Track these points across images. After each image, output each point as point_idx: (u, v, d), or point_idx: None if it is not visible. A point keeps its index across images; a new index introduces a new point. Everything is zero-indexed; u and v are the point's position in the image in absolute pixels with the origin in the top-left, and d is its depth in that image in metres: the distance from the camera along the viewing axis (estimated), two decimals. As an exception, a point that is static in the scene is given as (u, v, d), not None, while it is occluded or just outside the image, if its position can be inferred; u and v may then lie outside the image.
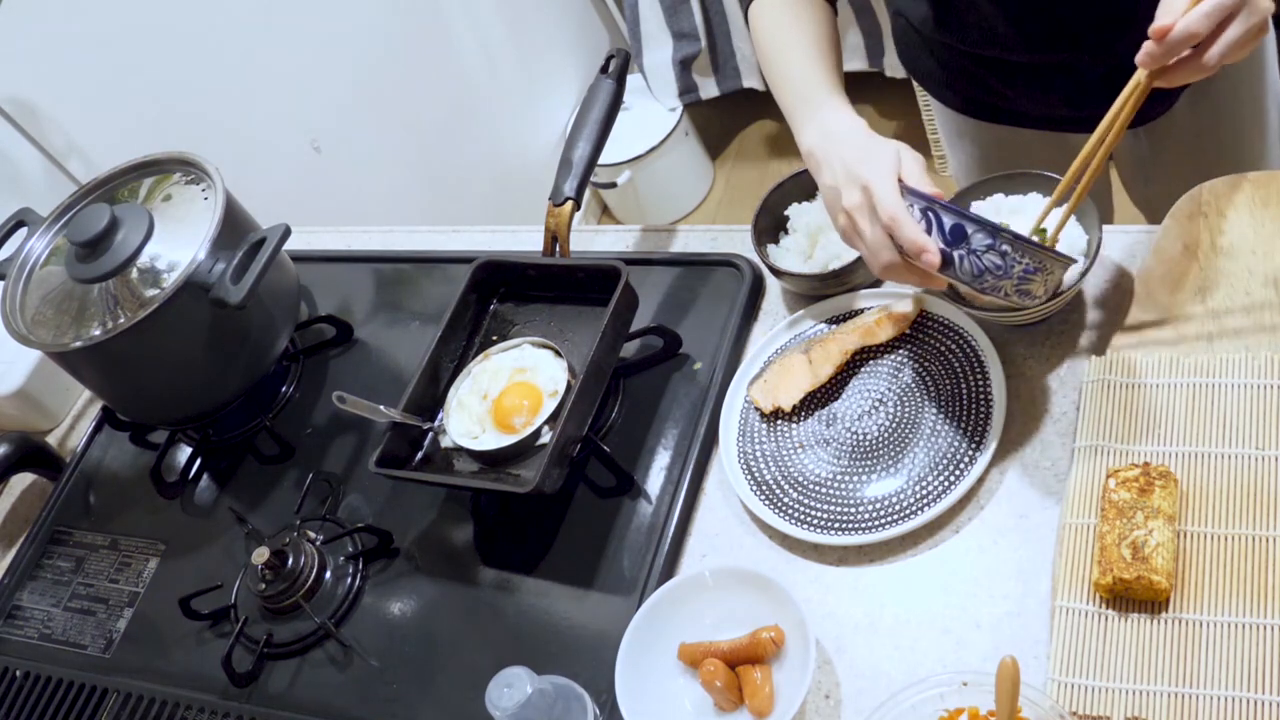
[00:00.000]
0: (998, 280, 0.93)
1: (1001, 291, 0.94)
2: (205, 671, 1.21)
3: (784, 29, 1.14)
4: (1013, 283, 0.94)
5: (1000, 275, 0.93)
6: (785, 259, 1.23)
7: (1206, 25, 0.87)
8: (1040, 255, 0.93)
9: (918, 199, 0.95)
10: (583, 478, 1.20)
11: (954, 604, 1.00)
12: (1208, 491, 0.97)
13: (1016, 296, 0.95)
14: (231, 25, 2.01)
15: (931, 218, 0.94)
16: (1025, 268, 0.93)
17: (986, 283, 0.94)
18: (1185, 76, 0.91)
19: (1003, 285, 0.94)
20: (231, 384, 1.35)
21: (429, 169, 2.48)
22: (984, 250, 0.92)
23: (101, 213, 1.27)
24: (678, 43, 2.82)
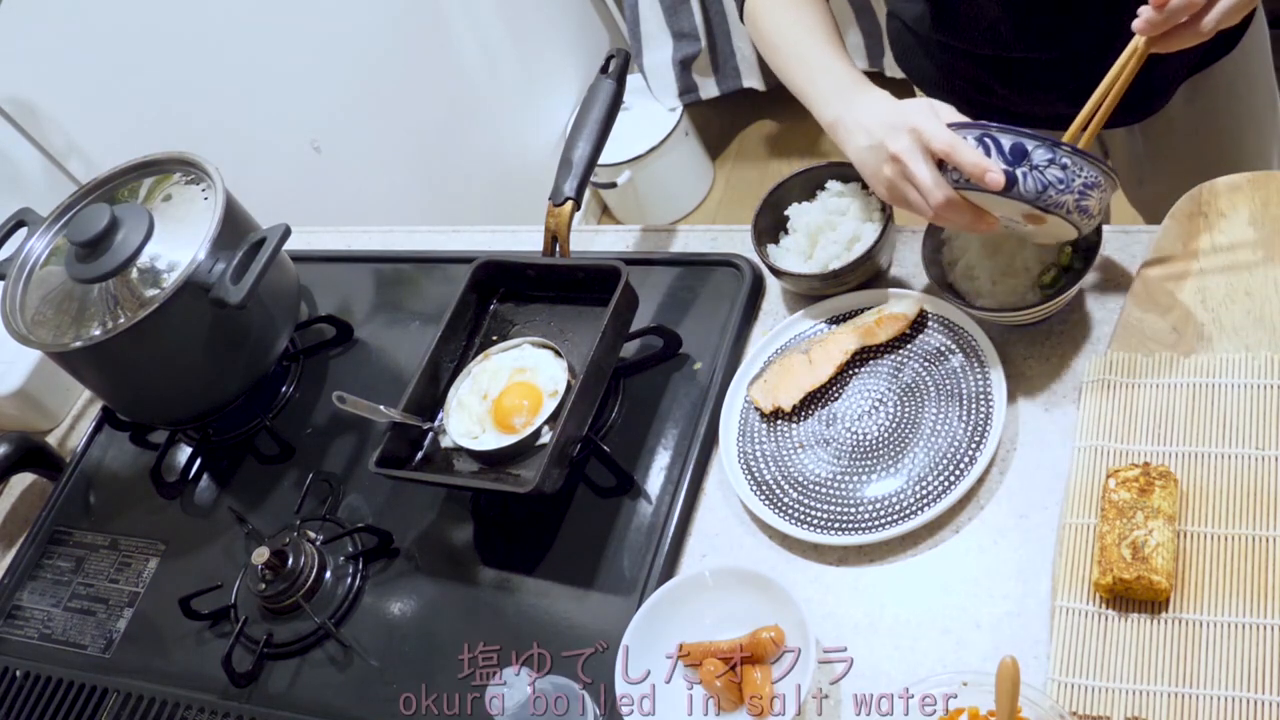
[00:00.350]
0: (1060, 195, 0.95)
1: (1064, 208, 0.95)
2: (205, 671, 1.21)
3: (789, 19, 1.16)
4: (1074, 197, 0.95)
5: (1063, 189, 0.95)
6: (785, 259, 1.23)
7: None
8: (1099, 167, 0.95)
9: (969, 129, 0.97)
10: (583, 478, 1.20)
11: (954, 604, 1.00)
12: (1208, 491, 0.97)
13: (1077, 214, 0.96)
14: (231, 25, 2.01)
15: (989, 142, 0.96)
16: (1085, 181, 0.95)
17: (1050, 198, 0.95)
18: (1180, 42, 0.94)
19: (1065, 200, 0.95)
20: (231, 384, 1.35)
21: (429, 169, 2.48)
22: (1046, 165, 0.94)
23: (101, 213, 1.27)
24: (678, 43, 2.82)
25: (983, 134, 0.96)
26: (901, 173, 0.99)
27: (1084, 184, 0.95)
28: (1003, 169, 0.94)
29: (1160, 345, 1.06)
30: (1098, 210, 0.98)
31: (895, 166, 1.00)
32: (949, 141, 0.96)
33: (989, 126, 0.96)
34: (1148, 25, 0.93)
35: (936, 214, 0.99)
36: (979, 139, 0.96)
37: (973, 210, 0.99)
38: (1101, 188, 0.97)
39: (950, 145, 0.96)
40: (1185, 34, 0.93)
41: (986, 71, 1.29)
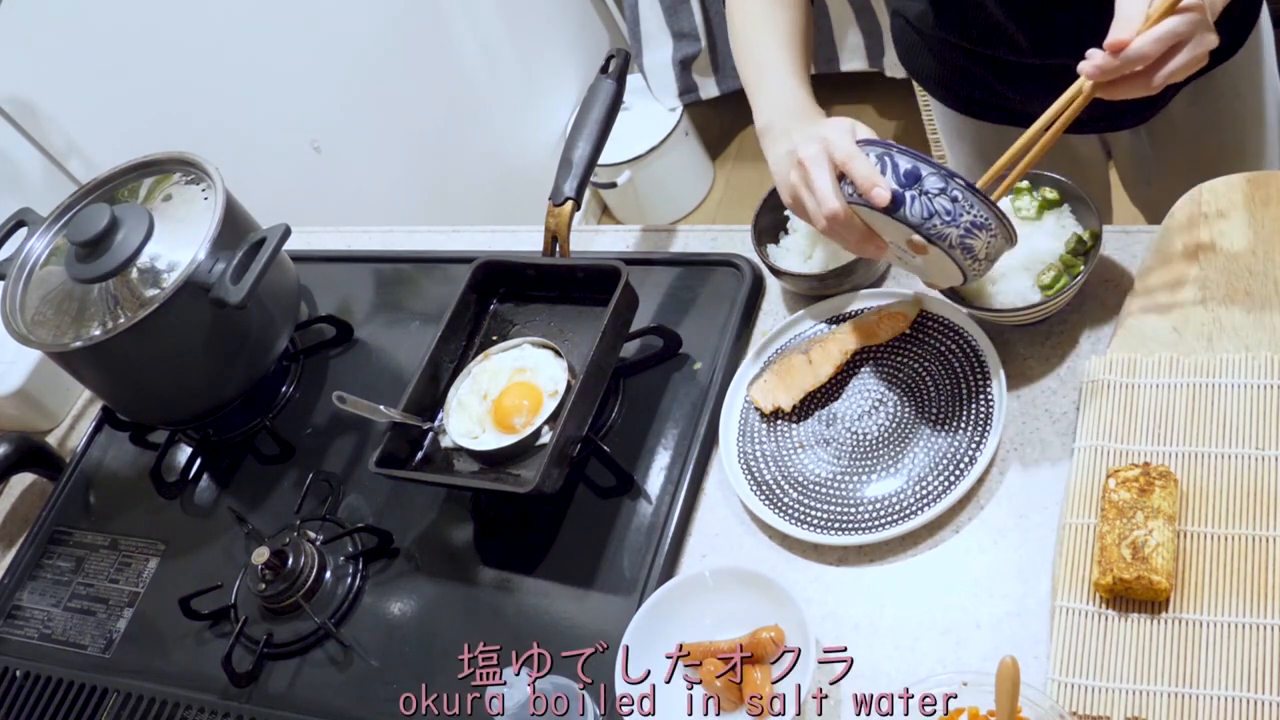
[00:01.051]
0: (944, 226, 0.94)
1: (947, 241, 0.95)
2: (205, 671, 1.21)
3: (757, 18, 1.17)
4: (959, 232, 0.95)
5: (948, 221, 0.94)
6: (785, 259, 1.23)
7: (1158, 49, 0.89)
8: (989, 210, 0.95)
9: (874, 146, 0.97)
10: (583, 478, 1.20)
11: (954, 604, 1.00)
12: (1208, 491, 0.96)
13: (960, 251, 0.96)
14: (231, 25, 2.01)
15: (887, 161, 0.96)
16: (973, 219, 0.94)
17: (933, 227, 0.94)
18: (1128, 92, 0.93)
19: (949, 233, 0.94)
20: (231, 384, 1.35)
21: (429, 169, 2.48)
22: (936, 193, 0.94)
23: (101, 213, 1.27)
24: (678, 43, 2.82)
25: (884, 153, 0.96)
26: (803, 178, 1.00)
27: (971, 221, 0.94)
28: (892, 189, 0.94)
29: (1160, 345, 1.06)
30: (984, 254, 0.97)
31: (799, 172, 1.01)
32: (849, 153, 0.96)
33: (892, 147, 0.96)
34: (1097, 71, 0.92)
35: (828, 225, 0.99)
36: (879, 156, 0.96)
37: (861, 230, 0.99)
38: (990, 230, 0.95)
39: (849, 157, 0.96)
40: (1133, 85, 0.92)
41: (988, 70, 1.29)
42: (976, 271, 0.99)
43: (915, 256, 1.01)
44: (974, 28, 1.23)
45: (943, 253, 0.96)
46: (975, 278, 1.01)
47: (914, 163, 0.95)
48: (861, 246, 1.01)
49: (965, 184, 0.94)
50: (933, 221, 0.94)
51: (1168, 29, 0.88)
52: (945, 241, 0.95)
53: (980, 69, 1.30)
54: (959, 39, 1.27)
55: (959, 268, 0.98)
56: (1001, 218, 0.96)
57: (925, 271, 1.05)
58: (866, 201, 0.95)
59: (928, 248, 0.96)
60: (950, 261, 0.97)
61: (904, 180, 0.95)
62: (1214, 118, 1.32)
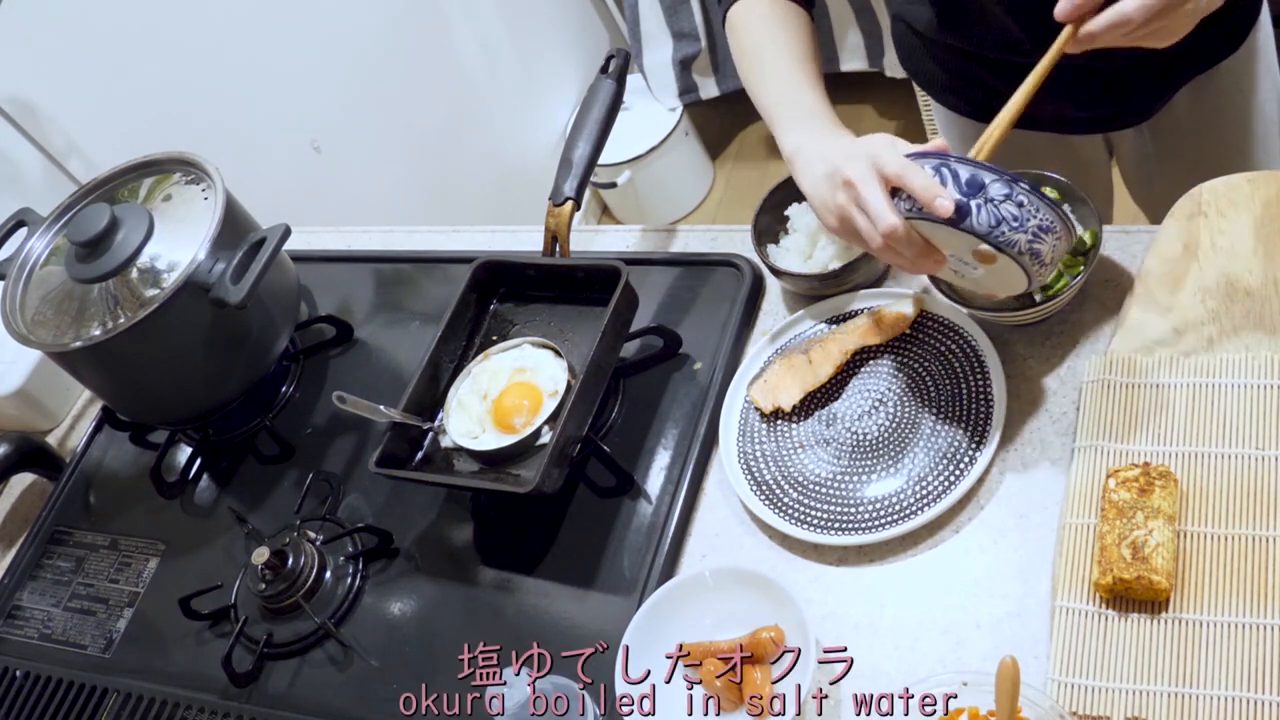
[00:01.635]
0: (1013, 232, 0.92)
1: (1016, 248, 0.93)
2: (205, 671, 1.21)
3: (765, 36, 1.15)
4: (1027, 237, 0.93)
5: (1016, 227, 0.92)
6: (785, 259, 1.23)
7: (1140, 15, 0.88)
8: (1054, 213, 0.93)
9: (928, 159, 0.94)
10: (583, 478, 1.20)
11: (954, 604, 1.00)
12: (1208, 491, 0.96)
13: (1029, 257, 0.93)
14: (231, 25, 2.01)
15: (946, 173, 0.93)
16: (1039, 223, 0.92)
17: (1002, 235, 0.92)
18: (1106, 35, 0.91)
19: (1018, 240, 0.92)
20: (231, 384, 1.35)
21: (429, 169, 2.48)
22: (1001, 199, 0.92)
23: (101, 213, 1.27)
24: (678, 43, 2.82)
25: (940, 164, 0.93)
26: (853, 198, 0.96)
27: (1038, 225, 0.92)
28: (955, 199, 0.92)
29: (1160, 345, 1.06)
30: (1050, 258, 0.94)
31: (848, 192, 0.97)
32: (902, 167, 0.93)
33: (948, 157, 0.94)
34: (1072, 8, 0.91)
35: (884, 243, 0.95)
36: (935, 168, 0.93)
37: (920, 245, 0.96)
38: (1056, 234, 0.94)
39: (903, 169, 0.93)
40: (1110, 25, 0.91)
41: (993, 74, 1.29)
42: (1042, 276, 0.96)
43: (977, 268, 0.98)
44: (978, 31, 1.23)
45: (1011, 260, 0.94)
46: (1040, 283, 0.98)
47: (975, 170, 0.92)
48: (919, 263, 0.97)
49: (1029, 188, 0.92)
50: (1000, 229, 0.92)
51: None
52: (1014, 249, 0.93)
53: (983, 72, 1.30)
54: (963, 43, 1.27)
55: (1025, 274, 0.95)
56: (1065, 219, 0.94)
57: (984, 283, 1.02)
58: (928, 215, 0.92)
59: (996, 256, 0.94)
60: (1016, 269, 0.95)
61: (967, 189, 0.92)
62: (1215, 116, 1.32)
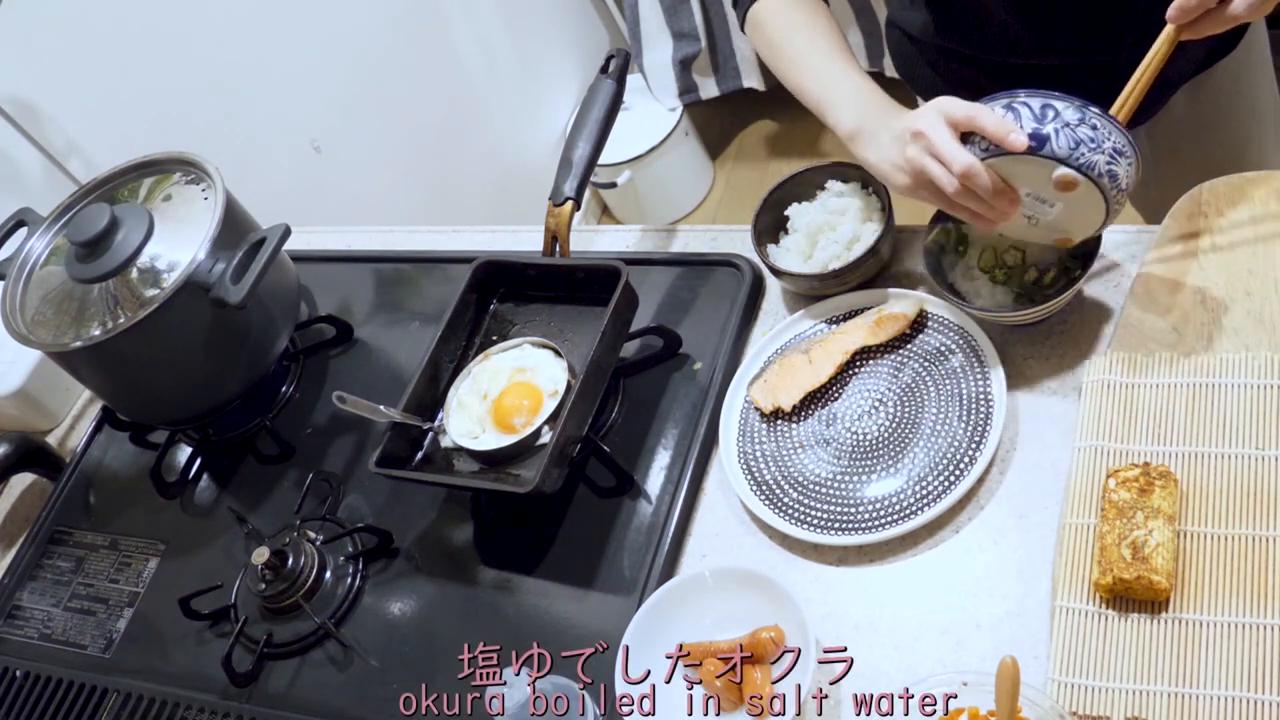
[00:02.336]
0: (1092, 154, 0.94)
1: (1095, 169, 0.95)
2: (205, 671, 1.21)
3: (796, 29, 1.16)
4: (1105, 159, 0.95)
5: (1094, 148, 0.94)
6: (785, 259, 1.23)
7: None
8: (1124, 135, 0.95)
9: (996, 99, 0.98)
10: (583, 478, 1.20)
11: (954, 604, 1.00)
12: (1208, 491, 0.96)
13: (1108, 180, 0.95)
14: (231, 25, 2.01)
15: (1017, 108, 0.96)
16: (1114, 145, 0.95)
17: (1082, 156, 0.94)
18: (1211, 28, 0.95)
19: (1097, 161, 0.95)
20: (231, 384, 1.35)
21: (429, 169, 2.48)
22: (1076, 123, 0.94)
23: (101, 213, 1.27)
24: (678, 43, 2.82)
25: (1010, 101, 0.96)
26: (925, 147, 0.98)
27: (1114, 147, 0.95)
28: (1032, 129, 0.94)
29: (1160, 345, 1.06)
30: (1125, 183, 0.97)
31: (918, 143, 0.99)
32: (972, 109, 0.96)
33: (1016, 93, 0.97)
34: (1180, 12, 0.94)
35: (960, 186, 0.97)
36: (1006, 106, 0.96)
37: (996, 184, 0.97)
38: (1129, 158, 0.96)
39: (973, 111, 0.96)
40: (1214, 19, 0.94)
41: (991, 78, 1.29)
42: (1119, 203, 0.98)
43: (1054, 204, 0.99)
44: (977, 33, 1.23)
45: (1091, 185, 0.95)
46: (1115, 214, 0.99)
47: (1045, 99, 0.95)
48: (997, 203, 0.98)
49: (1100, 111, 0.95)
50: (1080, 150, 0.94)
51: None
52: (1094, 170, 0.95)
53: (981, 77, 1.29)
54: (961, 46, 1.27)
55: (1104, 199, 0.97)
56: (1134, 144, 0.96)
57: (1060, 223, 1.03)
58: (1003, 150, 0.94)
59: (1077, 182, 0.95)
60: (1095, 196, 0.96)
61: (1039, 117, 0.95)
62: (1213, 116, 1.33)
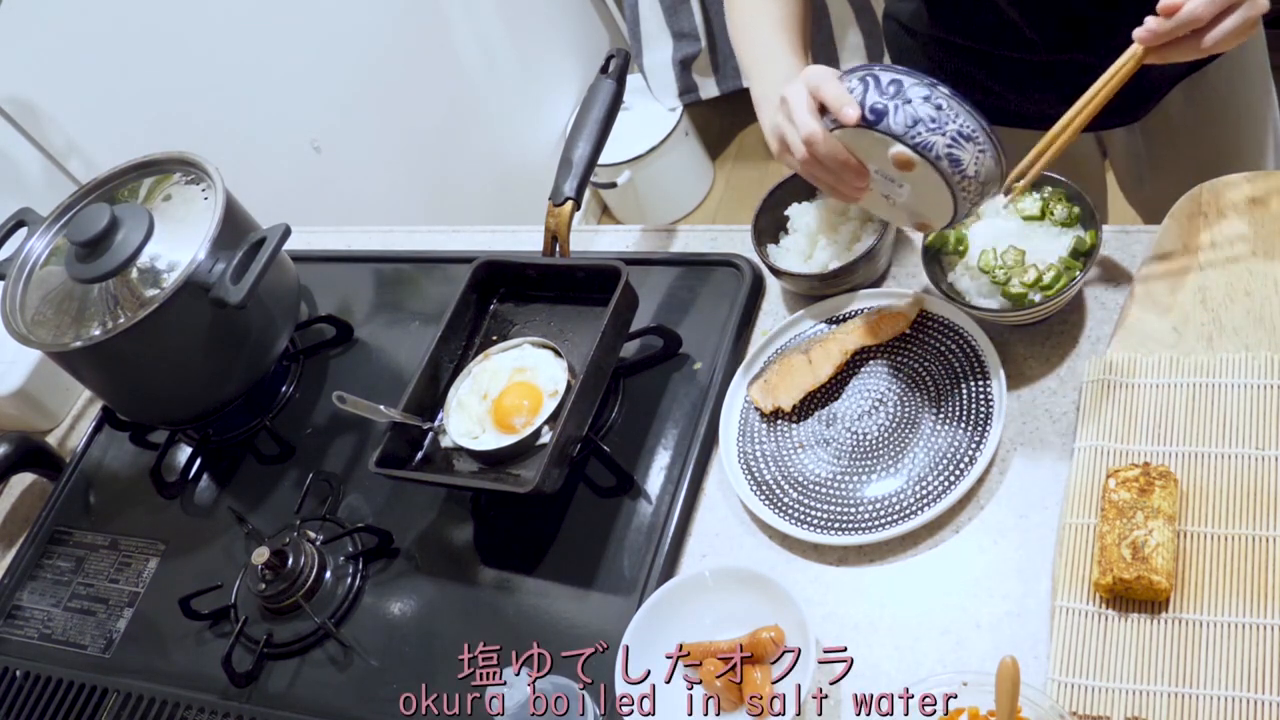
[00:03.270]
0: (930, 134, 0.92)
1: (933, 150, 0.92)
2: (205, 671, 1.21)
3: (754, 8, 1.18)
4: (945, 140, 0.92)
5: (934, 129, 0.92)
6: (785, 259, 1.23)
7: (1210, 11, 0.90)
8: (975, 120, 0.92)
9: (858, 70, 0.96)
10: (583, 478, 1.20)
11: (954, 604, 1.00)
12: (1208, 491, 0.97)
13: (948, 163, 0.93)
14: (231, 25, 2.01)
15: (870, 80, 0.94)
16: (959, 129, 0.92)
17: (919, 135, 0.92)
18: (1178, 56, 0.94)
19: (935, 142, 0.92)
20: (231, 384, 1.35)
21: (429, 169, 2.48)
22: (920, 100, 0.92)
23: (101, 213, 1.27)
24: (678, 43, 2.82)
25: (866, 73, 0.95)
26: (786, 114, 1.00)
27: (958, 131, 0.92)
28: (875, 105, 0.92)
29: (1160, 345, 1.06)
30: (973, 169, 0.93)
31: (783, 110, 1.00)
32: (820, 79, 0.96)
33: (873, 66, 0.95)
34: (1150, 35, 0.93)
35: (807, 155, 0.98)
36: (862, 78, 0.94)
37: (842, 158, 0.97)
38: (979, 144, 0.93)
39: (820, 82, 0.95)
40: (1184, 48, 0.94)
41: (985, 70, 1.29)
42: (966, 192, 0.95)
43: (903, 186, 0.98)
44: (970, 22, 1.23)
45: (929, 166, 0.93)
46: (966, 203, 0.96)
47: (897, 75, 0.93)
48: (843, 177, 0.99)
49: (950, 93, 0.92)
50: (917, 129, 0.92)
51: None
52: (931, 151, 0.92)
53: (975, 69, 1.29)
54: (954, 36, 1.27)
55: (947, 185, 0.94)
56: (989, 132, 0.94)
57: (914, 207, 1.01)
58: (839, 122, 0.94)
59: (914, 162, 0.93)
60: (939, 179, 0.94)
61: (887, 92, 0.93)
62: (1208, 115, 1.33)
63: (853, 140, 0.96)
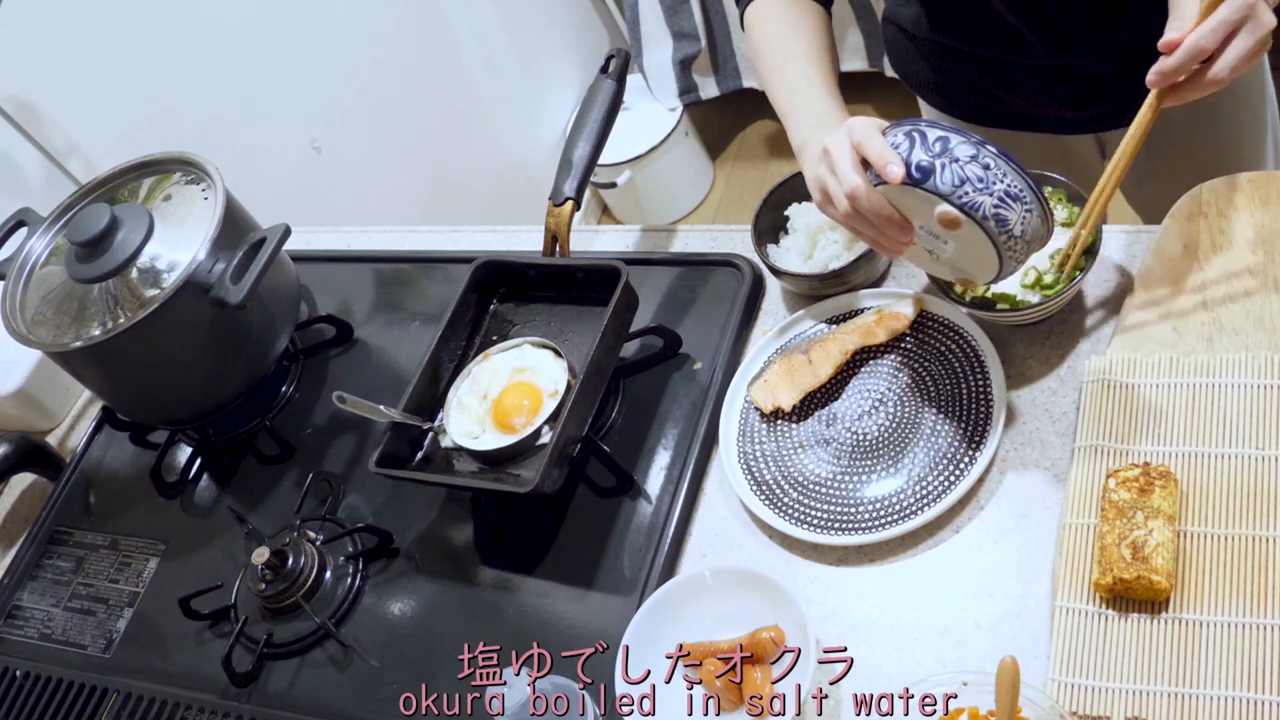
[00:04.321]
0: (978, 194, 0.90)
1: (980, 210, 0.90)
2: (205, 671, 1.21)
3: (782, 34, 1.15)
4: (992, 200, 0.90)
5: (981, 188, 0.90)
6: (785, 259, 1.23)
7: (1214, 40, 0.88)
8: (1023, 180, 0.91)
9: (903, 125, 0.94)
10: (583, 478, 1.20)
11: (954, 604, 1.00)
12: (1208, 491, 0.96)
13: (994, 224, 0.91)
14: (232, 25, 2.01)
15: (916, 137, 0.92)
16: (1006, 188, 0.90)
17: (966, 195, 0.90)
18: (1195, 92, 0.92)
19: (982, 202, 0.90)
20: (231, 384, 1.35)
21: (429, 169, 2.48)
22: (967, 160, 0.90)
23: (101, 213, 1.27)
24: (678, 43, 2.82)
25: (912, 129, 0.93)
26: (829, 166, 0.98)
27: (1005, 190, 0.90)
28: (920, 163, 0.91)
29: (1160, 345, 1.06)
30: (1019, 229, 0.92)
31: (825, 161, 0.98)
32: (864, 132, 0.94)
33: (920, 122, 0.93)
34: (1159, 77, 0.91)
35: (850, 206, 0.95)
36: (907, 134, 0.93)
37: (887, 213, 0.95)
38: (1026, 204, 0.91)
39: (864, 135, 0.94)
40: (1198, 83, 0.91)
41: (984, 74, 1.29)
42: (1012, 251, 0.93)
43: (947, 243, 0.96)
44: (973, 29, 1.23)
45: (976, 226, 0.91)
46: (1012, 262, 0.94)
47: (943, 132, 0.91)
48: (887, 232, 0.96)
49: (998, 151, 0.90)
50: (964, 189, 0.90)
51: (1219, 18, 0.88)
52: (978, 211, 0.90)
53: (975, 72, 1.29)
54: (955, 41, 1.27)
55: (993, 245, 0.92)
56: (1037, 191, 0.91)
57: (958, 263, 1.00)
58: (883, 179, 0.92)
59: (960, 221, 0.91)
60: (985, 239, 0.92)
61: (933, 149, 0.91)
62: (1207, 116, 1.32)
63: (898, 196, 0.94)
